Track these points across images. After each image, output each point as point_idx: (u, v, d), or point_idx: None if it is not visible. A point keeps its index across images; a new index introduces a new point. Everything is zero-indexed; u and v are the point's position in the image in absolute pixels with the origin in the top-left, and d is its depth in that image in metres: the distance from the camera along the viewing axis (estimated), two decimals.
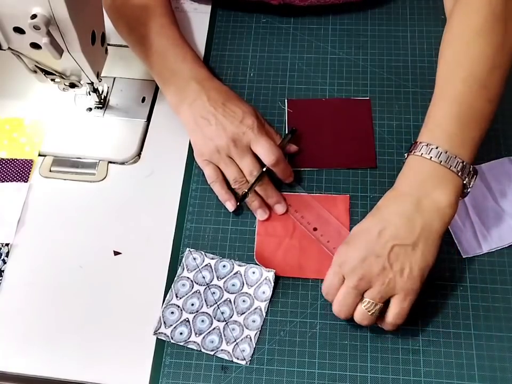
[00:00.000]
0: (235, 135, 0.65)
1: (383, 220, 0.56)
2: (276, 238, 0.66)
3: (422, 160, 0.57)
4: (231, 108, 0.67)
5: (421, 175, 0.57)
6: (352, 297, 0.56)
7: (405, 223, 0.55)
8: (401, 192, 0.57)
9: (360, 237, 0.57)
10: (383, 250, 0.55)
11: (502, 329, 0.60)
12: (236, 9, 0.82)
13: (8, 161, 0.72)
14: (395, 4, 0.82)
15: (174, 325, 0.62)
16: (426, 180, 0.56)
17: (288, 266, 0.64)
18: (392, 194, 0.58)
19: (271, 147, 0.65)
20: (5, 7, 0.55)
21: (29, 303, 0.64)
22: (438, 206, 0.55)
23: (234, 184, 0.66)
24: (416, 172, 0.57)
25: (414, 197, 0.56)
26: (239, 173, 0.65)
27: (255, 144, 0.65)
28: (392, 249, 0.55)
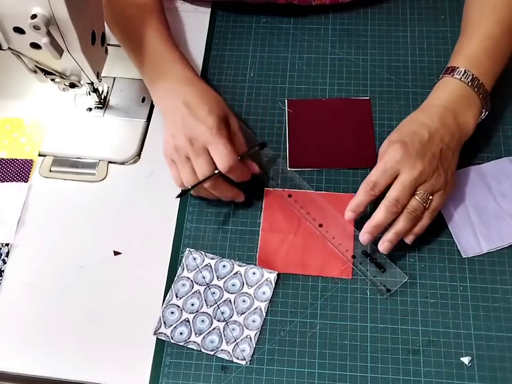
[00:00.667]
0: (192, 134, 0.62)
1: (428, 127, 0.62)
2: (280, 234, 0.66)
3: (456, 81, 0.64)
4: (198, 106, 0.64)
5: (455, 93, 0.64)
6: (410, 189, 0.59)
7: (448, 132, 0.62)
8: (439, 105, 0.64)
9: (413, 138, 0.61)
10: (436, 150, 0.61)
11: (502, 329, 0.60)
12: (236, 9, 0.82)
13: (8, 161, 0.72)
14: (395, 4, 0.82)
15: (174, 325, 0.62)
16: (461, 98, 0.64)
17: (291, 263, 0.64)
18: (429, 106, 0.65)
19: (226, 153, 0.61)
20: (5, 7, 0.55)
21: (29, 303, 0.64)
22: (468, 124, 0.64)
23: (186, 183, 0.64)
24: (451, 89, 0.65)
25: (452, 111, 0.63)
26: (193, 175, 0.63)
27: (211, 147, 0.62)
28: (441, 150, 0.61)
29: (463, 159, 0.68)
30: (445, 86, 0.65)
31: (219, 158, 0.62)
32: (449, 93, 0.64)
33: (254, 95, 0.76)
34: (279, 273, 0.63)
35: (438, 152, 0.61)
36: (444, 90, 0.65)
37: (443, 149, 0.61)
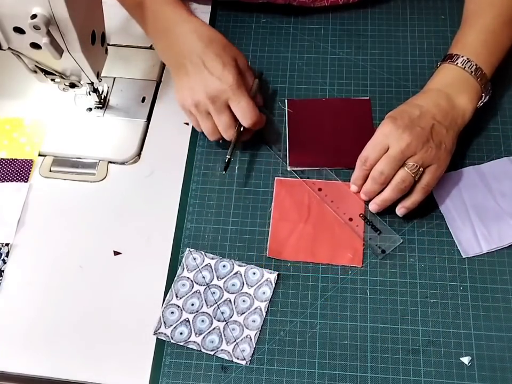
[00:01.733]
0: (213, 92, 0.64)
1: (420, 106, 0.64)
2: (290, 223, 0.66)
3: (455, 68, 0.66)
4: (210, 58, 0.65)
5: (453, 78, 0.66)
6: (397, 162, 0.61)
7: (440, 110, 0.64)
8: (435, 89, 0.66)
9: (403, 115, 0.63)
10: (426, 124, 0.62)
11: (502, 329, 0.60)
12: (236, 9, 0.82)
13: (8, 161, 0.72)
14: (395, 4, 0.82)
15: (174, 325, 0.62)
16: (458, 83, 0.65)
17: (301, 251, 0.65)
18: (426, 91, 0.67)
19: (249, 109, 0.65)
20: (5, 7, 0.55)
21: (29, 303, 0.64)
22: (464, 106, 0.65)
23: (209, 137, 0.68)
24: (449, 75, 0.66)
25: (446, 94, 0.65)
26: (214, 129, 0.67)
27: (233, 104, 0.65)
28: (433, 126, 0.63)
29: (463, 159, 0.69)
30: (443, 72, 0.67)
31: (243, 114, 0.65)
32: (446, 78, 0.66)
33: None
34: (279, 274, 0.64)
35: (428, 126, 0.62)
36: (441, 76, 0.67)
37: (435, 125, 0.63)
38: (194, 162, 0.71)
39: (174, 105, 0.74)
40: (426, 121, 0.63)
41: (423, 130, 0.62)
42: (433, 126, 0.62)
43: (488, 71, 0.66)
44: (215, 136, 0.68)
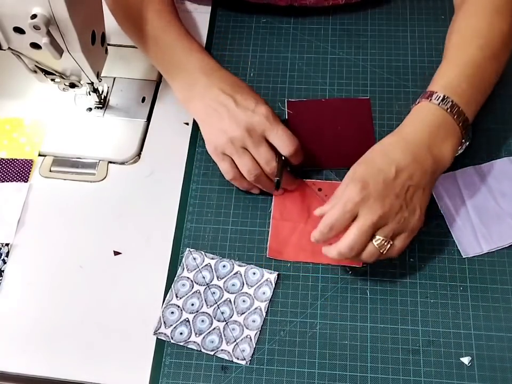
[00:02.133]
0: (249, 125, 0.63)
1: (397, 163, 0.57)
2: (291, 223, 0.66)
3: (434, 108, 0.60)
4: (243, 97, 0.65)
5: (432, 121, 0.60)
6: (367, 235, 0.56)
7: (418, 167, 0.58)
8: (412, 137, 0.59)
9: (377, 179, 0.57)
10: (401, 191, 0.57)
11: (502, 329, 0.60)
12: (236, 9, 0.82)
13: (8, 161, 0.72)
14: (395, 4, 0.82)
15: (174, 325, 0.62)
16: (438, 127, 0.59)
17: (303, 251, 0.65)
18: (403, 138, 0.59)
19: (288, 136, 0.63)
20: (5, 7, 0.55)
21: (29, 303, 0.64)
22: (443, 157, 0.59)
23: (248, 175, 0.64)
24: (428, 117, 0.60)
25: (426, 143, 0.59)
26: (254, 164, 0.63)
27: (271, 134, 0.63)
28: (408, 189, 0.57)
29: (463, 159, 0.68)
30: (422, 112, 0.61)
31: (283, 143, 0.63)
32: (426, 120, 0.60)
33: None
34: (279, 274, 0.64)
35: (403, 192, 0.57)
36: (420, 116, 0.61)
37: (410, 188, 0.57)
38: (194, 162, 0.71)
39: (174, 105, 0.74)
40: (401, 184, 0.57)
41: (397, 198, 0.56)
42: (409, 189, 0.57)
43: (471, 111, 0.61)
44: (256, 172, 0.63)
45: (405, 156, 0.58)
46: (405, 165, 0.57)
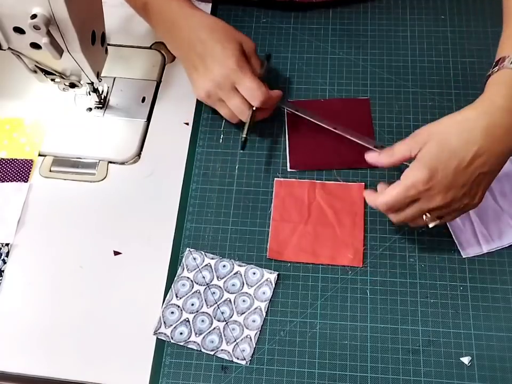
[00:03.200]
0: (218, 79, 0.65)
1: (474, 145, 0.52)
2: (291, 224, 0.66)
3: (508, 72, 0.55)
4: (212, 46, 0.66)
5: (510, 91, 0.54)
6: (420, 213, 0.57)
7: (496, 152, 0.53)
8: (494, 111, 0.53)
9: (447, 166, 0.53)
10: (470, 179, 0.54)
11: (502, 329, 0.60)
12: (236, 9, 0.82)
13: (8, 161, 0.72)
14: (395, 4, 0.82)
15: (174, 325, 0.62)
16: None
17: (302, 252, 0.65)
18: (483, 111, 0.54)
19: (255, 88, 0.65)
20: (5, 7, 0.55)
21: (29, 303, 0.64)
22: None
23: (231, 121, 0.69)
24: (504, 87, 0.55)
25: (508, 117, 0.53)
26: (232, 114, 0.68)
27: (239, 86, 0.65)
28: (478, 176, 0.54)
29: None
30: (500, 80, 0.55)
31: (250, 95, 0.65)
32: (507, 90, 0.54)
33: None
34: (279, 274, 0.64)
35: (471, 180, 0.54)
36: (499, 87, 0.55)
37: (480, 175, 0.54)
38: (194, 162, 0.71)
39: (174, 105, 0.74)
40: (472, 172, 0.53)
41: (463, 188, 0.54)
42: (479, 176, 0.54)
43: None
44: (235, 120, 0.69)
45: (485, 138, 0.52)
46: (484, 150, 0.52)
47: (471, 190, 0.55)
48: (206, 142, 0.72)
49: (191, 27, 0.67)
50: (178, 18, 0.69)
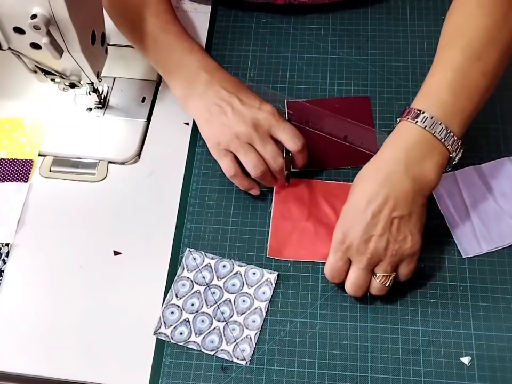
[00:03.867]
0: (256, 121, 0.63)
1: (374, 193, 0.55)
2: (291, 222, 0.66)
3: (410, 125, 0.57)
4: (246, 96, 0.65)
5: (408, 141, 0.56)
6: (364, 276, 0.58)
7: (399, 194, 0.55)
8: (388, 159, 0.57)
9: (356, 218, 0.56)
10: (384, 227, 0.55)
11: (502, 329, 0.60)
12: (236, 9, 0.82)
13: (8, 161, 0.72)
14: (395, 4, 0.82)
15: (174, 325, 0.62)
16: (414, 146, 0.56)
17: (303, 250, 0.65)
18: (377, 162, 0.58)
19: (295, 133, 0.64)
20: (5, 7, 0.55)
21: (29, 303, 0.64)
22: (425, 176, 0.56)
23: (255, 170, 0.63)
24: (404, 137, 0.57)
25: (402, 165, 0.56)
26: (260, 160, 0.63)
27: (278, 130, 0.63)
28: (392, 222, 0.56)
29: (463, 159, 0.68)
30: (401, 131, 0.58)
31: (290, 139, 0.63)
32: (405, 141, 0.57)
33: None
34: (279, 274, 0.64)
35: (387, 228, 0.55)
36: (399, 136, 0.58)
37: (394, 220, 0.55)
38: (194, 162, 0.71)
39: (174, 105, 0.74)
40: (383, 220, 0.55)
41: (382, 237, 0.55)
42: (393, 221, 0.55)
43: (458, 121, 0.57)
44: (260, 168, 0.63)
45: (380, 188, 0.55)
46: (384, 199, 0.55)
47: (395, 236, 0.56)
48: None
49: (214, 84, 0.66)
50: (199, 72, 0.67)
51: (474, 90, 0.58)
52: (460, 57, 0.58)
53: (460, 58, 0.58)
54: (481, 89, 0.58)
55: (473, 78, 0.58)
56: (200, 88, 0.67)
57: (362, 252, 0.56)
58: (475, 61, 0.58)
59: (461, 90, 0.58)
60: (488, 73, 0.59)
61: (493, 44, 0.59)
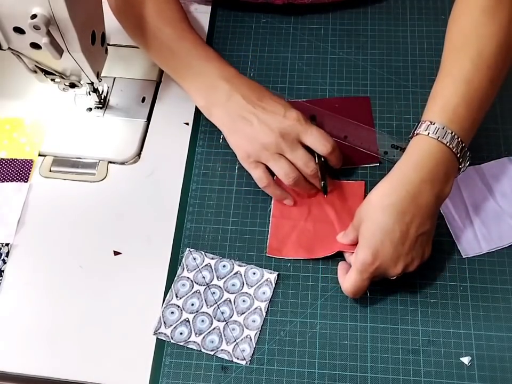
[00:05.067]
0: (282, 130, 0.62)
1: (399, 217, 0.56)
2: (291, 221, 0.66)
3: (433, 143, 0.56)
4: (269, 103, 0.64)
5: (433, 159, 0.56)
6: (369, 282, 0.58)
7: (424, 212, 0.56)
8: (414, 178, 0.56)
9: (385, 240, 0.56)
10: (412, 245, 0.57)
11: (502, 329, 0.60)
12: (236, 9, 0.82)
13: (8, 161, 0.72)
14: (395, 4, 0.82)
15: (174, 325, 0.62)
16: (439, 165, 0.57)
17: (302, 249, 0.65)
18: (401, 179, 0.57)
19: (324, 135, 0.63)
20: (5, 7, 0.55)
21: (29, 303, 0.64)
22: (444, 192, 0.58)
23: (287, 178, 0.63)
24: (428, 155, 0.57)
25: (429, 185, 0.56)
26: (291, 167, 0.63)
27: (306, 135, 0.63)
28: (417, 239, 0.57)
29: None
30: (421, 148, 0.57)
31: (319, 142, 0.63)
32: (426, 159, 0.57)
33: None
34: (279, 274, 0.64)
35: (413, 245, 0.57)
36: (419, 154, 0.57)
37: (419, 238, 0.57)
38: (194, 162, 0.71)
39: (174, 105, 0.74)
40: (411, 239, 0.56)
41: (408, 255, 0.57)
42: (417, 240, 0.57)
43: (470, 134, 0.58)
44: (294, 174, 0.63)
45: (408, 207, 0.55)
46: (410, 219, 0.55)
47: (418, 251, 0.58)
48: (206, 142, 0.72)
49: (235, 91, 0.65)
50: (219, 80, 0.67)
51: (484, 100, 0.59)
52: (470, 68, 0.58)
53: (471, 70, 0.58)
54: (489, 97, 0.60)
55: (483, 88, 0.59)
56: (221, 97, 0.66)
57: (390, 273, 0.58)
58: (485, 69, 0.59)
59: (474, 102, 0.58)
60: (495, 80, 0.60)
61: (501, 50, 0.59)
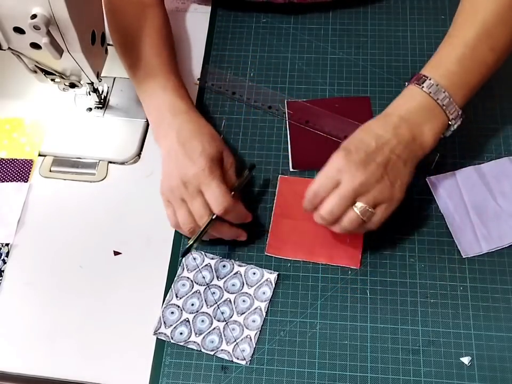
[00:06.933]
0: (184, 177, 0.61)
1: (378, 136, 0.59)
2: (292, 221, 0.66)
3: (420, 92, 0.60)
4: (191, 144, 0.63)
5: (416, 104, 0.60)
6: (347, 201, 0.57)
7: (400, 142, 0.59)
8: (396, 114, 0.60)
9: (359, 147, 0.58)
10: (383, 159, 0.58)
11: (502, 329, 0.60)
12: (236, 9, 0.82)
13: (8, 161, 0.72)
14: (395, 4, 0.82)
15: (174, 325, 0.62)
16: (421, 110, 0.60)
17: (302, 250, 0.65)
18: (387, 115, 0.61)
19: (219, 195, 0.60)
20: (5, 7, 0.55)
21: (29, 303, 0.64)
22: (425, 138, 0.60)
23: (183, 227, 0.62)
24: (412, 100, 0.61)
25: (407, 122, 0.60)
26: (188, 217, 0.61)
27: (204, 189, 0.61)
28: (389, 160, 0.58)
29: (463, 159, 0.68)
30: (407, 95, 0.62)
31: (213, 200, 0.60)
32: (409, 103, 0.61)
33: (254, 95, 0.75)
34: (279, 274, 0.64)
35: (384, 161, 0.58)
36: (405, 99, 0.62)
37: (392, 159, 0.58)
38: None
39: None
40: (383, 155, 0.58)
41: (378, 167, 0.57)
42: (390, 160, 0.58)
43: (462, 93, 0.61)
44: (189, 225, 0.61)
45: (386, 130, 0.59)
46: (387, 139, 0.59)
47: (389, 174, 0.58)
48: None
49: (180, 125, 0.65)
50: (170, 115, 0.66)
51: (482, 64, 0.62)
52: (471, 33, 0.61)
53: (472, 35, 0.61)
54: (488, 63, 0.62)
55: (482, 53, 0.61)
56: (163, 130, 0.66)
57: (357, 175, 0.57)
58: (485, 37, 0.61)
59: (469, 63, 0.61)
60: (496, 49, 0.62)
61: (505, 23, 0.62)
